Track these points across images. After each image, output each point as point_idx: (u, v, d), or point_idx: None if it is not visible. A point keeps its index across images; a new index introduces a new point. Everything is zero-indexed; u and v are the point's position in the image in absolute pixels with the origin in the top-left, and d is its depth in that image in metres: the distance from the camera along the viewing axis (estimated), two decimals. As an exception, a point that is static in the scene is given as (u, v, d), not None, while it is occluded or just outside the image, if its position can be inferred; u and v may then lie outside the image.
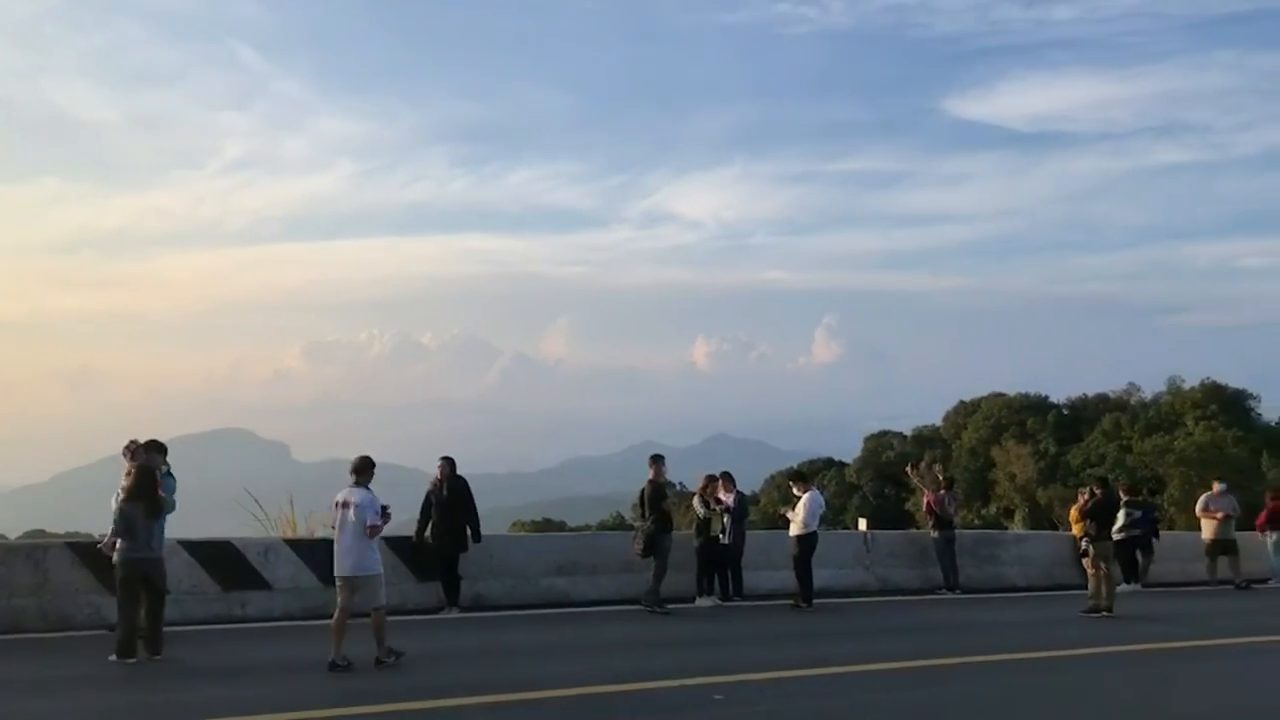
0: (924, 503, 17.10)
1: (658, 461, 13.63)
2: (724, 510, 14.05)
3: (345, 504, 9.31)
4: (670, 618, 12.71)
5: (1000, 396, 69.72)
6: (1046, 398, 69.13)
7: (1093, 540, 14.00)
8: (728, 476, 14.47)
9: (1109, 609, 13.63)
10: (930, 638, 11.85)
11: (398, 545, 12.75)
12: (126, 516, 9.53)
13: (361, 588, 9.27)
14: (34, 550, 11.39)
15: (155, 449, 10.22)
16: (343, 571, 9.28)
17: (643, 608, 12.95)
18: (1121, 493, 17.54)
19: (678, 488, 51.00)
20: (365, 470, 9.51)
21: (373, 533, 9.29)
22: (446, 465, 12.97)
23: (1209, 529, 18.13)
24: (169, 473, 10.33)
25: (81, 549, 11.34)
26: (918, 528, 29.45)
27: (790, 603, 13.81)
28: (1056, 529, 36.43)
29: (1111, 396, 67.11)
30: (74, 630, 10.88)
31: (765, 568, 14.83)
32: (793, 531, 14.00)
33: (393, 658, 9.17)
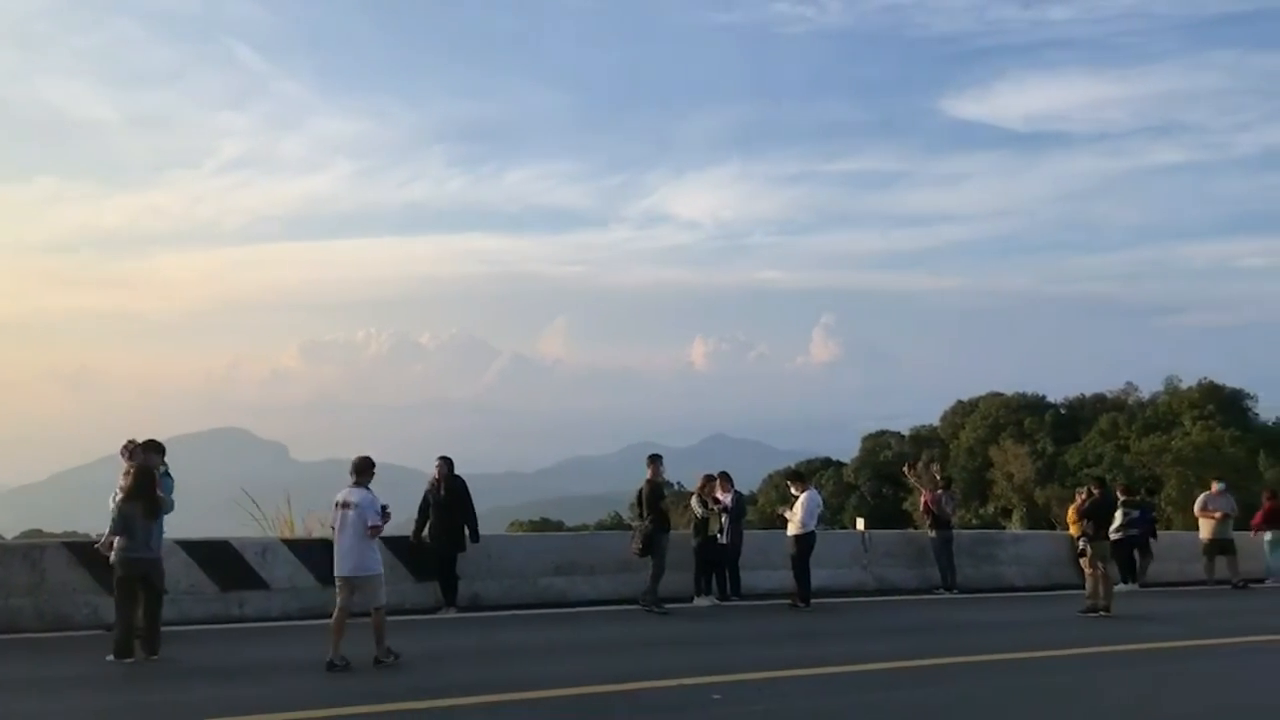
0: (921, 502, 17.12)
1: (655, 461, 13.63)
2: (722, 510, 14.06)
3: (346, 504, 9.31)
4: (668, 617, 12.72)
5: (998, 396, 69.80)
6: (1044, 397, 69.22)
7: (1090, 540, 14.03)
8: (725, 476, 14.48)
9: (1106, 609, 13.65)
10: (928, 637, 11.86)
11: (395, 545, 12.74)
12: (125, 516, 9.52)
13: (362, 588, 9.27)
14: (31, 550, 11.39)
15: (153, 449, 10.23)
16: (344, 572, 9.28)
17: (641, 607, 12.96)
18: (1119, 493, 17.58)
19: (675, 487, 50.98)
20: (365, 470, 9.51)
21: (374, 533, 9.29)
22: (444, 465, 12.97)
23: (1207, 528, 18.15)
24: (167, 473, 10.34)
25: (79, 549, 11.32)
26: (915, 527, 29.45)
27: (788, 602, 13.82)
28: (1054, 529, 36.40)
29: (1109, 396, 67.21)
30: (71, 630, 10.87)
31: (763, 567, 14.84)
32: (790, 531, 14.01)
33: (391, 658, 9.17)
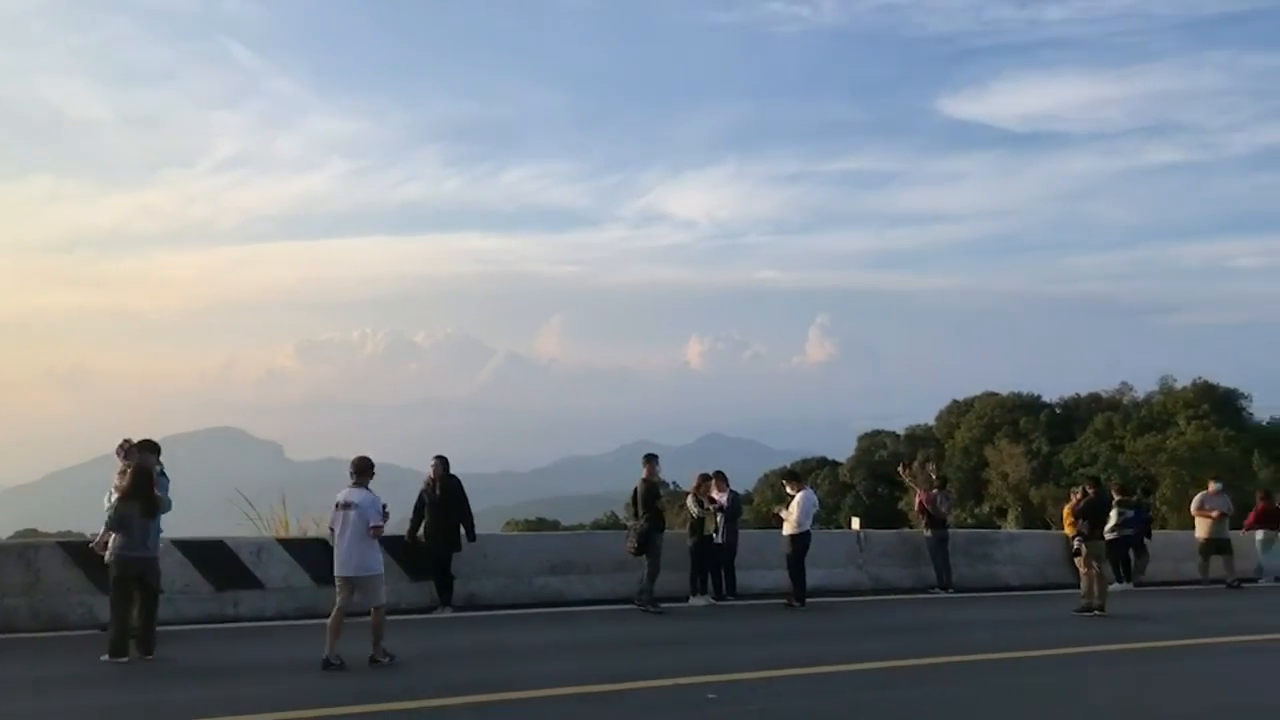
0: (917, 502, 17.13)
1: (651, 461, 13.62)
2: (717, 509, 14.06)
3: (347, 504, 9.32)
4: (664, 617, 12.73)
5: (993, 396, 69.87)
6: (1039, 397, 69.30)
7: (1085, 539, 14.07)
8: (721, 476, 14.48)
9: (1101, 608, 13.68)
10: (923, 637, 11.86)
11: (390, 545, 12.69)
12: (122, 515, 9.52)
13: (363, 587, 9.29)
14: (26, 550, 11.37)
15: (149, 448, 10.21)
16: (346, 572, 9.28)
17: (636, 607, 12.96)
18: (1114, 493, 17.61)
19: (671, 487, 51.01)
20: (366, 471, 9.55)
21: (375, 533, 9.32)
22: (440, 464, 12.97)
23: (1203, 528, 18.17)
24: (162, 472, 10.32)
25: (74, 548, 11.31)
26: (911, 527, 29.47)
27: (783, 602, 13.83)
28: (1049, 528, 36.47)
29: (1104, 396, 67.33)
30: (66, 630, 10.85)
31: (759, 567, 14.85)
32: (786, 531, 14.02)
33: (387, 658, 9.17)
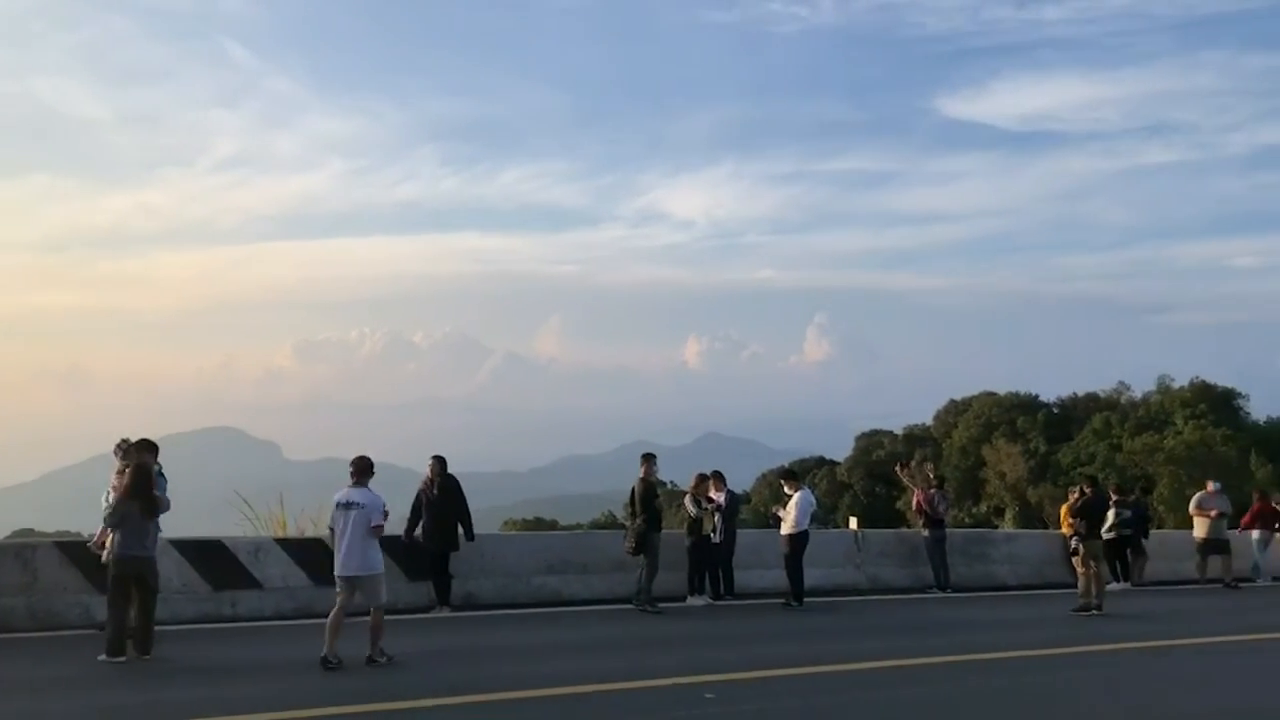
0: (915, 501, 17.13)
1: (649, 460, 13.63)
2: (715, 509, 14.07)
3: (349, 504, 9.34)
4: (662, 617, 12.73)
5: (991, 395, 69.89)
6: (1037, 396, 69.32)
7: (1083, 539, 14.08)
8: (718, 475, 14.49)
9: (1099, 607, 13.69)
10: (921, 636, 11.87)
11: (388, 545, 12.65)
12: (122, 514, 9.51)
13: (364, 587, 9.30)
14: (23, 549, 11.35)
15: (147, 448, 10.18)
16: (348, 571, 9.28)
17: (634, 607, 12.96)
18: (1111, 492, 17.62)
19: (669, 486, 50.99)
20: (367, 471, 9.59)
21: (377, 532, 9.37)
22: (437, 464, 12.96)
23: (1202, 527, 18.17)
24: (160, 472, 10.30)
25: (70, 548, 11.30)
26: (909, 526, 29.51)
27: (781, 602, 13.84)
28: (1047, 528, 36.51)
29: (1101, 395, 67.33)
30: (63, 630, 10.84)
31: (756, 566, 14.85)
32: (784, 530, 14.02)
33: (384, 658, 9.17)
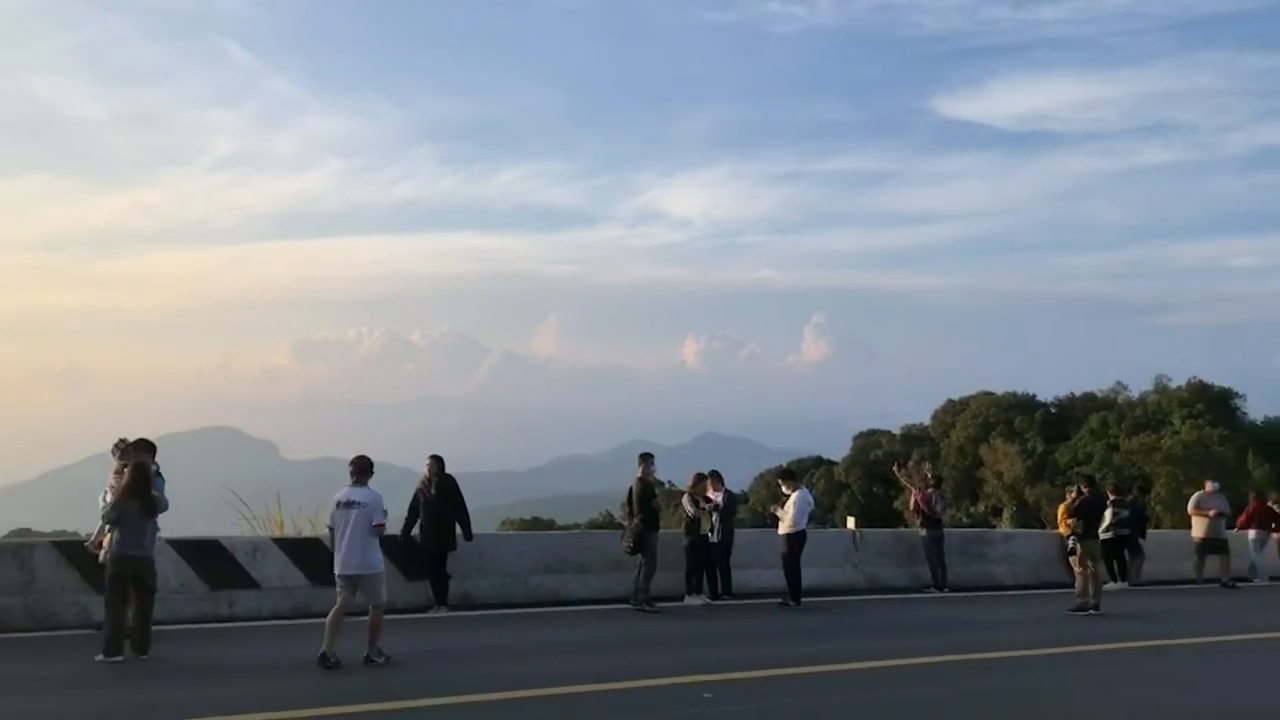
0: (912, 501, 17.15)
1: (647, 460, 13.64)
2: (713, 509, 14.08)
3: (350, 503, 9.36)
4: (659, 616, 12.73)
5: (988, 395, 69.92)
6: (1034, 396, 69.36)
7: (1080, 539, 14.09)
8: (716, 475, 14.50)
9: (1096, 607, 13.71)
10: (919, 636, 11.87)
11: (385, 544, 12.67)
12: (121, 513, 9.51)
13: (365, 586, 9.32)
14: (20, 549, 11.35)
15: (144, 448, 10.16)
16: (349, 570, 9.30)
17: (632, 606, 12.96)
18: (1109, 492, 17.63)
19: (667, 486, 51.00)
20: (368, 470, 9.63)
21: (378, 530, 9.41)
22: (435, 464, 12.95)
23: (1200, 527, 18.16)
24: (158, 472, 10.29)
25: (68, 548, 11.29)
26: (906, 526, 29.54)
27: (779, 601, 13.84)
28: (1044, 527, 36.54)
29: (1099, 395, 67.37)
30: (60, 629, 10.84)
31: (754, 566, 14.85)
32: (782, 530, 14.03)
33: (382, 658, 9.17)
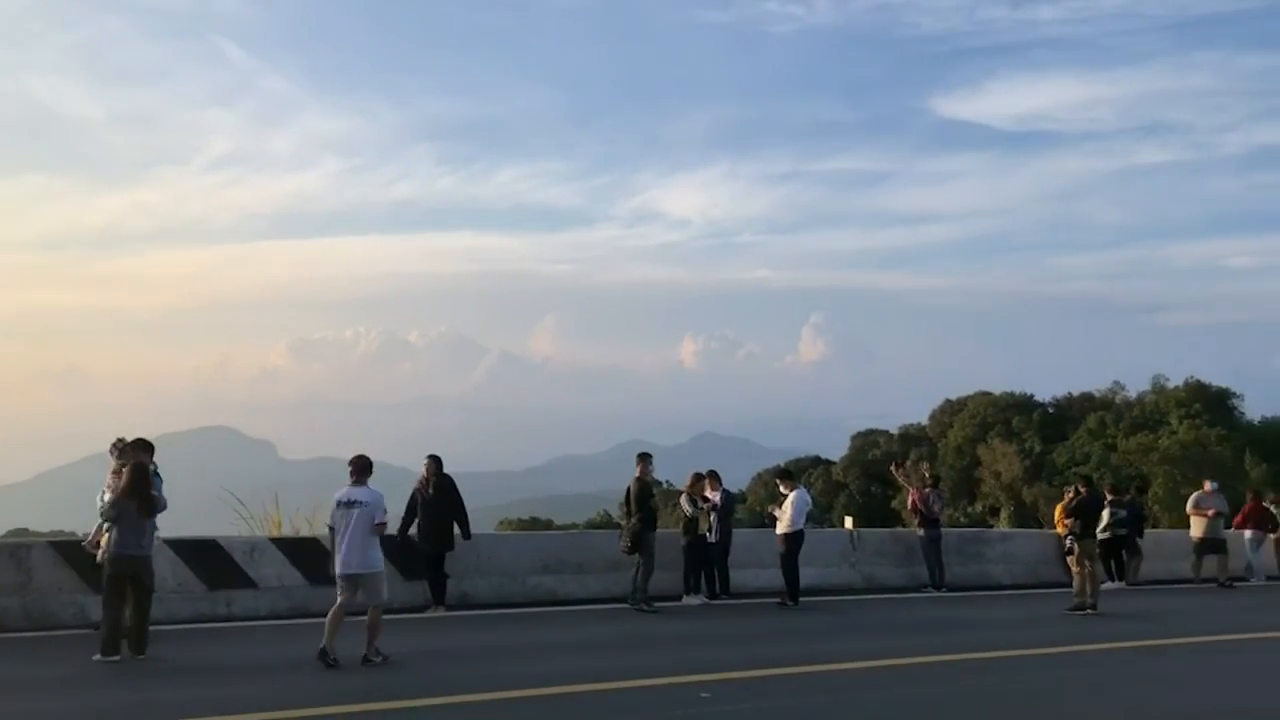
0: (910, 501, 17.16)
1: (645, 459, 13.64)
2: (711, 508, 14.08)
3: (351, 502, 9.38)
4: (657, 616, 12.73)
5: (986, 395, 69.99)
6: (1032, 396, 69.44)
7: (1077, 538, 14.09)
8: (714, 475, 14.50)
9: (1093, 607, 13.71)
10: (916, 636, 11.88)
11: (383, 544, 12.68)
12: (121, 511, 9.50)
13: (365, 585, 9.33)
14: (17, 549, 11.33)
15: (142, 447, 10.15)
16: (350, 570, 9.31)
17: (630, 606, 12.96)
18: (1106, 492, 17.63)
19: (665, 486, 51.01)
20: (368, 469, 9.66)
21: (379, 529, 9.44)
22: (432, 464, 12.95)
23: (1199, 526, 18.14)
24: (156, 471, 10.28)
25: (65, 548, 11.28)
26: (904, 526, 29.53)
27: (777, 601, 13.84)
28: (1042, 527, 36.59)
29: (1096, 395, 67.46)
30: (58, 629, 10.83)
31: (752, 566, 14.85)
32: (779, 530, 14.03)
33: (380, 658, 9.17)
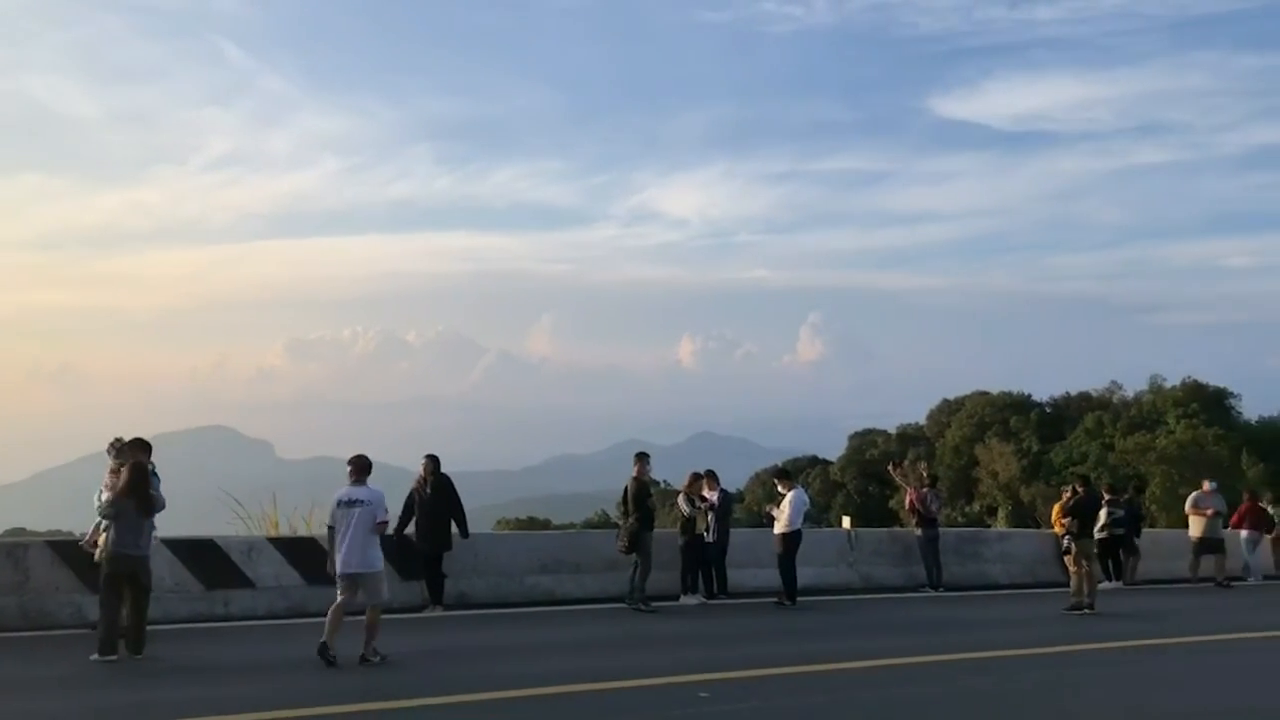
0: (907, 500, 17.16)
1: (642, 459, 13.65)
2: (709, 508, 14.08)
3: (353, 501, 9.39)
4: (655, 615, 12.73)
5: (983, 395, 70.05)
6: (1029, 396, 69.49)
7: (1075, 538, 14.11)
8: (712, 474, 14.51)
9: (1091, 606, 13.73)
10: (914, 635, 11.89)
11: (381, 544, 12.70)
12: (119, 513, 9.50)
13: (366, 584, 9.35)
14: (14, 549, 11.32)
15: (140, 447, 10.14)
16: (351, 569, 9.32)
17: (628, 606, 12.96)
18: (1104, 491, 17.65)
19: (662, 485, 51.04)
20: (368, 469, 9.69)
21: (381, 528, 9.48)
22: (430, 463, 12.95)
23: (1198, 526, 18.16)
24: (153, 471, 10.27)
25: (62, 547, 11.27)
26: (901, 525, 29.54)
27: (775, 600, 13.85)
28: (1039, 527, 36.60)
29: (1094, 395, 67.52)
30: (55, 629, 10.82)
31: (750, 565, 14.86)
32: (777, 529, 14.04)
33: (377, 657, 9.17)
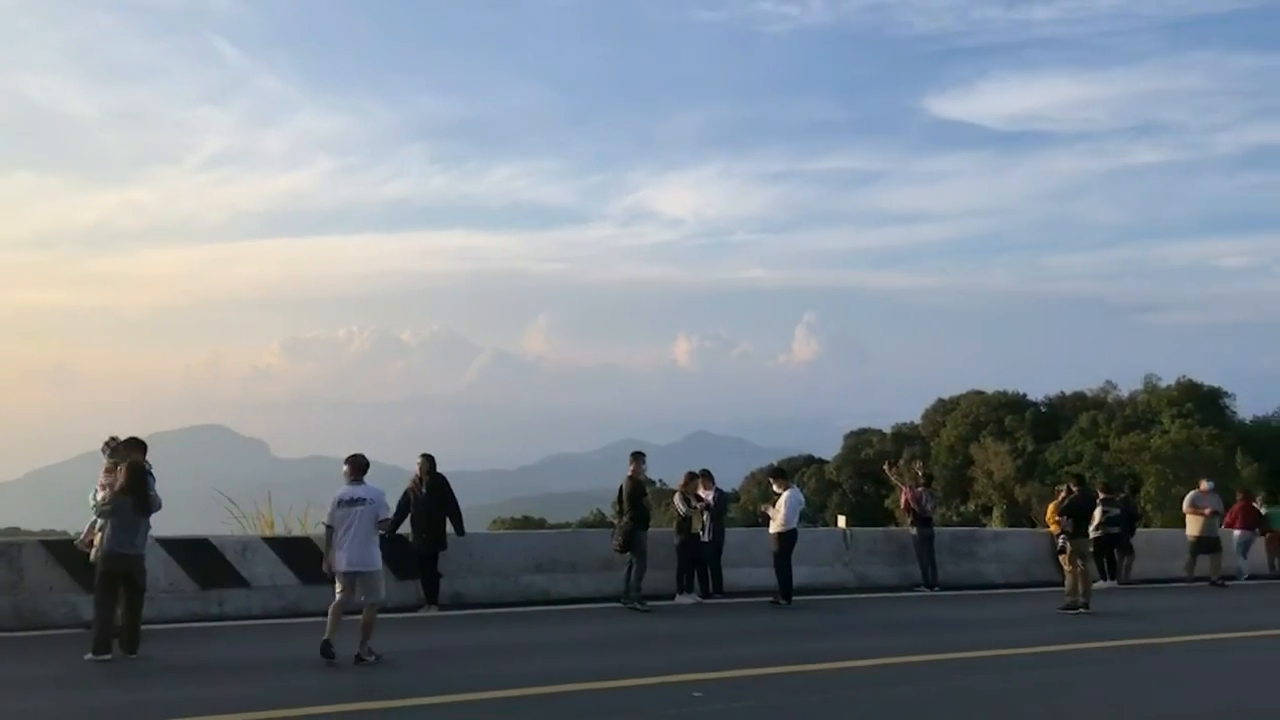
0: (902, 500, 17.18)
1: (638, 458, 13.64)
2: (704, 507, 14.09)
3: (354, 500, 9.40)
4: (650, 615, 12.73)
5: (979, 394, 70.25)
6: (1024, 396, 69.70)
7: (1070, 537, 14.14)
8: (707, 474, 14.51)
9: (1086, 605, 13.75)
10: (909, 635, 11.89)
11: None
12: (116, 512, 9.48)
13: (365, 583, 9.36)
14: (8, 548, 11.28)
15: (136, 446, 10.10)
16: (351, 567, 9.33)
17: (623, 605, 12.96)
18: (1099, 491, 17.69)
19: (658, 485, 51.06)
20: (365, 467, 9.71)
21: (383, 526, 9.52)
22: (426, 463, 12.95)
23: (1195, 525, 18.21)
24: (149, 470, 10.24)
25: (57, 547, 11.24)
26: (897, 525, 29.58)
27: (770, 600, 13.86)
28: (1034, 526, 36.62)
29: (1089, 395, 67.72)
30: (49, 629, 10.79)
31: (745, 565, 14.86)
32: (773, 529, 14.05)
33: (372, 657, 9.15)
